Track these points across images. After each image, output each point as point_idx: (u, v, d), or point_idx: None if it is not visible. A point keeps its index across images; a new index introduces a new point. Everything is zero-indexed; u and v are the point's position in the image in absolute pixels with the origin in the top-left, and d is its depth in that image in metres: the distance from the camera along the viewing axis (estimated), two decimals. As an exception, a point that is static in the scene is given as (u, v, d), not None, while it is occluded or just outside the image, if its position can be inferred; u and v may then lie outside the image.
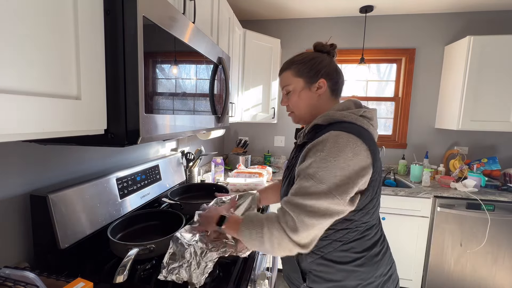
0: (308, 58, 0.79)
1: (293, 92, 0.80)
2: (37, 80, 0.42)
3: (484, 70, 1.92)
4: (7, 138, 0.39)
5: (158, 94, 0.67)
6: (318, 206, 0.62)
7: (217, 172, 1.89)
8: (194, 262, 0.71)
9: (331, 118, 0.73)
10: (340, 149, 0.63)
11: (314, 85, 0.78)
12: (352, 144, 0.64)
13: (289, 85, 0.81)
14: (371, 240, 0.73)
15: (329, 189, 0.62)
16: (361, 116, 0.73)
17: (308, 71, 0.78)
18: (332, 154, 0.63)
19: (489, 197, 1.75)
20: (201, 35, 0.90)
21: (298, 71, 0.79)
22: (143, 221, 0.98)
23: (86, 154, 0.96)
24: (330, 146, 0.64)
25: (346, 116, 0.72)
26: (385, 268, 0.75)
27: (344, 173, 0.62)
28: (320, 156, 0.64)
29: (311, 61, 0.79)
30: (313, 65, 0.78)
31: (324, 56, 0.80)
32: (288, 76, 0.81)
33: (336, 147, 0.63)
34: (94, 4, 0.52)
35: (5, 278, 0.56)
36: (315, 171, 0.63)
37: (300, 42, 2.47)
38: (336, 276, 0.72)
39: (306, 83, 0.78)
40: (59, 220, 0.72)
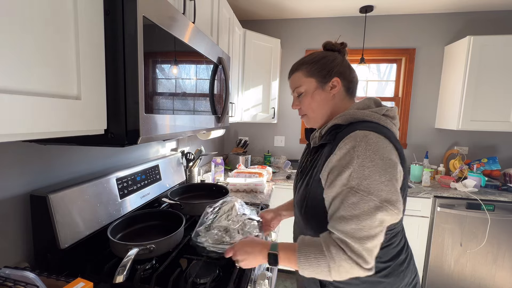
0: (319, 57, 0.74)
1: (305, 94, 0.75)
2: (37, 80, 0.42)
3: (484, 70, 1.92)
4: (7, 138, 0.39)
5: (158, 94, 0.67)
6: (376, 224, 0.57)
7: (217, 172, 1.89)
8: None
9: (352, 117, 0.67)
10: (374, 152, 0.58)
11: (328, 84, 0.73)
12: (383, 145, 0.59)
13: (300, 86, 0.76)
14: (397, 248, 0.69)
15: (381, 201, 0.56)
16: (384, 115, 0.68)
17: (320, 70, 0.73)
18: (368, 158, 0.58)
19: (489, 197, 1.75)
20: (201, 35, 0.90)
21: (309, 71, 0.74)
22: (143, 221, 0.98)
23: (86, 154, 0.96)
24: (363, 150, 0.58)
25: (369, 116, 0.67)
26: (410, 277, 0.70)
27: (387, 177, 0.57)
28: (357, 163, 0.58)
29: (323, 59, 0.74)
30: (325, 63, 0.73)
31: (335, 55, 0.76)
32: (298, 77, 0.76)
33: (370, 149, 0.58)
34: (94, 4, 0.52)
35: (5, 278, 0.56)
36: (358, 182, 0.57)
37: (300, 42, 2.47)
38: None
39: (318, 82, 0.73)
40: (59, 220, 0.72)
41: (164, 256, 0.83)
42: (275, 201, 2.04)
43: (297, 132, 2.59)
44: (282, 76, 2.54)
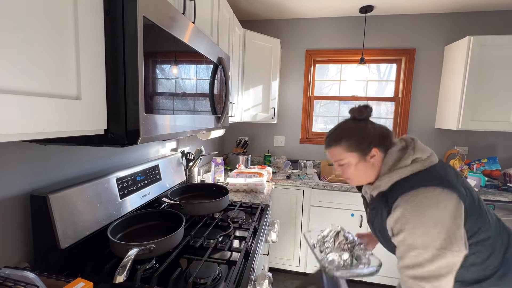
0: (355, 131, 0.82)
1: (348, 165, 0.83)
2: (37, 80, 0.42)
3: (484, 70, 1.92)
4: (7, 138, 0.39)
5: (158, 94, 0.67)
6: (439, 267, 0.64)
7: (217, 172, 1.89)
8: None
9: (389, 181, 0.76)
10: (419, 212, 0.66)
11: (368, 155, 0.80)
12: (427, 200, 0.66)
13: (342, 159, 0.83)
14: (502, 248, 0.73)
15: (438, 249, 0.64)
16: (413, 162, 0.75)
17: (359, 144, 0.80)
18: (416, 219, 0.66)
19: (489, 197, 1.75)
20: (201, 35, 0.90)
21: (349, 146, 0.81)
22: (143, 221, 0.98)
23: (86, 154, 0.96)
24: (410, 214, 0.67)
25: (402, 173, 0.74)
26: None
27: (441, 228, 0.64)
28: (409, 227, 0.66)
29: (359, 134, 0.81)
30: (363, 138, 0.81)
31: (367, 125, 0.83)
32: (339, 152, 0.83)
33: (415, 211, 0.66)
34: (94, 4, 0.52)
35: (5, 278, 0.56)
36: (414, 241, 0.66)
37: (300, 42, 2.47)
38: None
39: (360, 156, 0.81)
40: (59, 220, 0.72)
41: (164, 256, 0.83)
42: (275, 201, 2.04)
43: (297, 132, 2.59)
44: (282, 76, 2.54)
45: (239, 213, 1.29)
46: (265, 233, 1.25)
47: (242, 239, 1.04)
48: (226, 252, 0.93)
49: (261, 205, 1.39)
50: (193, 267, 0.81)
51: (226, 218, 1.22)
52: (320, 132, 2.61)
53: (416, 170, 0.74)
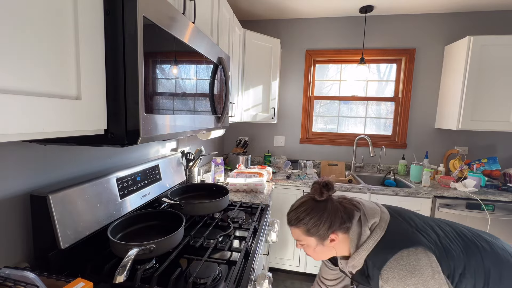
0: (315, 215, 0.81)
1: (307, 247, 0.85)
2: (37, 80, 0.42)
3: (484, 70, 1.92)
4: (7, 138, 0.39)
5: (158, 94, 0.67)
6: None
7: (217, 172, 1.89)
8: None
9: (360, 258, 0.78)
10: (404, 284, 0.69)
11: (327, 240, 0.81)
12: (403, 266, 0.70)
13: (301, 241, 0.85)
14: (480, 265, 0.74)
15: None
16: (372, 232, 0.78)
17: (317, 229, 0.80)
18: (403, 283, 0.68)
19: (489, 197, 1.75)
20: (201, 35, 0.90)
21: (307, 231, 0.82)
22: (143, 221, 0.98)
23: (86, 154, 0.96)
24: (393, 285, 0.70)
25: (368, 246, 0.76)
26: None
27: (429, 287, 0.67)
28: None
29: (317, 218, 0.80)
30: (320, 223, 0.80)
31: (325, 207, 0.82)
32: (299, 234, 0.84)
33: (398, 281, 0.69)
34: (94, 4, 0.52)
35: (5, 278, 0.56)
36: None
37: (300, 42, 2.47)
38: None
39: (318, 240, 0.82)
40: (59, 220, 0.72)
41: (164, 256, 0.83)
42: (275, 201, 2.04)
43: (297, 132, 2.59)
44: (282, 76, 2.54)
45: (239, 213, 1.29)
46: (265, 233, 1.25)
47: (242, 239, 1.04)
48: (226, 252, 0.93)
49: (261, 205, 1.39)
50: (193, 267, 0.81)
51: (226, 218, 1.22)
52: (320, 132, 2.62)
53: (379, 238, 0.76)
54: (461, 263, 0.73)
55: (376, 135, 2.51)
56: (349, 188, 1.93)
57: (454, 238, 0.79)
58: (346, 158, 2.52)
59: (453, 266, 0.72)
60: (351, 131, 2.58)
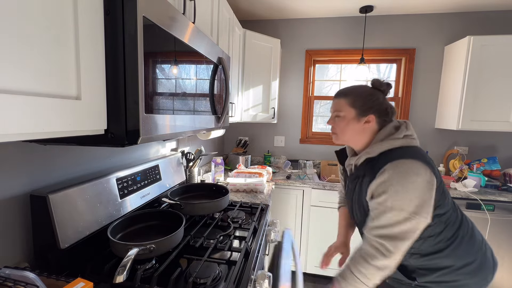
0: (366, 93, 0.87)
1: (342, 118, 0.88)
2: (37, 80, 0.42)
3: (484, 70, 1.92)
4: (7, 138, 0.39)
5: (158, 94, 0.67)
6: (406, 230, 0.73)
7: (217, 172, 1.89)
8: None
9: (380, 149, 0.82)
10: (403, 177, 0.73)
11: (364, 118, 0.85)
12: (411, 169, 0.74)
13: (341, 111, 0.88)
14: (455, 224, 0.82)
15: (410, 214, 0.72)
16: (406, 137, 0.82)
17: (362, 104, 0.85)
18: (399, 184, 0.73)
19: (489, 197, 1.75)
20: (201, 35, 0.90)
21: (353, 102, 0.86)
22: (143, 221, 0.98)
23: (86, 154, 0.96)
24: (395, 178, 0.74)
25: (393, 144, 0.81)
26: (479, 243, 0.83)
27: (416, 194, 0.72)
28: (391, 189, 0.74)
29: (368, 96, 0.86)
30: (369, 100, 0.85)
31: (379, 94, 0.87)
32: (343, 104, 0.88)
33: (400, 176, 0.73)
34: (94, 4, 0.52)
35: (5, 278, 0.56)
36: (392, 203, 0.74)
37: (300, 42, 2.47)
38: (440, 262, 0.80)
39: (357, 114, 0.86)
40: (59, 220, 0.72)
41: (164, 256, 0.83)
42: (275, 201, 2.04)
43: (297, 132, 2.59)
44: (282, 76, 2.54)
45: (239, 213, 1.29)
46: (265, 233, 1.25)
47: (242, 239, 1.04)
48: (226, 252, 0.93)
49: (261, 205, 1.39)
50: (193, 267, 0.81)
51: (226, 218, 1.22)
52: (320, 132, 2.62)
53: (406, 144, 0.80)
54: (445, 208, 0.80)
55: (376, 135, 2.51)
56: (349, 188, 1.93)
57: (450, 197, 0.86)
58: (346, 158, 2.51)
59: (439, 203, 0.78)
60: (351, 131, 2.58)
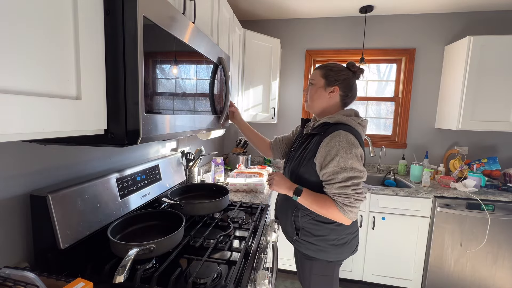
0: (337, 68, 1.04)
1: (313, 86, 1.07)
2: (37, 80, 0.42)
3: (484, 70, 1.92)
4: (7, 138, 0.39)
5: (158, 94, 0.67)
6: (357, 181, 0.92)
7: (217, 172, 1.89)
8: None
9: (339, 120, 1.00)
10: (350, 145, 0.92)
11: (329, 88, 1.03)
12: (354, 141, 0.94)
13: (314, 80, 1.07)
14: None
15: (357, 171, 0.92)
16: (358, 124, 1.01)
17: (331, 76, 1.03)
18: (348, 149, 0.92)
19: (489, 197, 1.75)
20: (201, 35, 0.90)
21: (324, 73, 1.04)
22: (143, 221, 0.98)
23: (86, 154, 0.96)
24: (345, 144, 0.92)
25: (350, 122, 0.99)
26: (353, 229, 1.07)
27: (357, 158, 0.93)
28: (342, 152, 0.91)
29: (337, 71, 1.04)
30: (336, 74, 1.03)
31: (349, 73, 1.05)
32: (317, 74, 1.07)
33: (348, 143, 0.92)
34: (94, 4, 0.52)
35: (5, 278, 0.56)
36: (345, 163, 0.91)
37: (300, 42, 2.47)
38: (321, 232, 1.03)
39: (325, 84, 1.04)
40: (59, 220, 0.72)
41: (164, 256, 0.83)
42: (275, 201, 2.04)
43: (297, 132, 2.58)
44: (282, 76, 2.54)
45: (239, 213, 1.29)
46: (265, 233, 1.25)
47: (242, 239, 1.04)
48: (226, 252, 0.93)
49: (261, 205, 1.39)
50: (193, 267, 0.81)
51: (226, 218, 1.22)
52: (320, 132, 2.61)
53: (357, 126, 0.99)
54: None
55: (376, 135, 2.51)
56: (349, 188, 1.93)
57: None
58: (346, 158, 2.51)
59: None
60: (351, 131, 2.58)
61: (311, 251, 1.05)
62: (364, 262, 1.98)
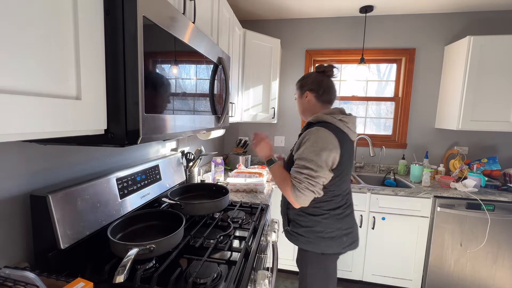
0: (305, 77, 1.21)
1: (296, 99, 1.26)
2: (37, 80, 0.42)
3: (484, 70, 1.92)
4: (7, 138, 0.39)
5: (158, 94, 0.67)
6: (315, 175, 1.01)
7: (217, 172, 1.89)
8: None
9: (320, 119, 1.10)
10: (318, 138, 1.02)
11: (304, 95, 1.19)
12: (325, 136, 1.02)
13: (295, 94, 1.26)
14: (337, 204, 1.10)
15: (312, 161, 1.01)
16: (340, 120, 1.08)
17: (300, 86, 1.21)
18: (314, 142, 1.02)
19: (489, 197, 1.75)
20: (201, 35, 0.90)
21: (298, 86, 1.23)
22: (143, 221, 0.98)
23: (86, 154, 0.96)
24: (314, 137, 1.03)
25: (330, 119, 1.08)
26: (344, 225, 1.11)
27: (322, 152, 1.00)
28: (308, 144, 1.03)
29: (305, 78, 1.20)
30: (302, 81, 1.20)
31: (317, 75, 1.17)
32: (295, 89, 1.25)
33: (317, 137, 1.02)
34: (94, 4, 0.52)
35: (5, 278, 0.56)
36: (306, 154, 1.02)
37: (300, 42, 2.47)
38: (308, 223, 1.11)
39: (299, 94, 1.22)
40: (59, 220, 0.72)
41: (164, 256, 0.83)
42: (276, 201, 2.04)
43: (297, 132, 2.58)
44: (282, 76, 2.54)
45: (239, 213, 1.29)
46: (265, 233, 1.25)
47: (242, 239, 1.04)
48: (226, 252, 0.93)
49: (261, 205, 1.39)
50: (193, 267, 0.81)
51: (226, 218, 1.22)
52: (320, 132, 2.61)
53: (338, 123, 1.07)
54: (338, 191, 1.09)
55: (376, 135, 2.51)
56: (349, 188, 1.93)
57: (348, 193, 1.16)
58: (346, 158, 2.51)
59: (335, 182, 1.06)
60: (351, 131, 2.58)
61: (301, 243, 1.13)
62: (364, 262, 1.98)
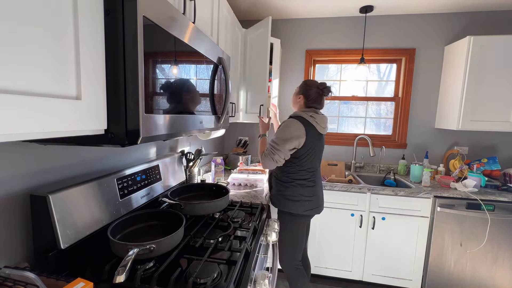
0: (305, 84, 1.51)
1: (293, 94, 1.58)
2: (37, 80, 0.42)
3: (484, 70, 1.92)
4: (7, 138, 0.39)
5: (158, 94, 0.67)
6: (277, 148, 1.39)
7: (217, 172, 1.89)
8: None
9: (297, 114, 1.46)
10: (287, 126, 1.40)
11: (298, 95, 1.53)
12: (294, 125, 1.39)
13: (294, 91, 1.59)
14: (302, 177, 1.45)
15: (280, 139, 1.39)
16: (310, 116, 1.42)
17: (300, 89, 1.53)
18: (284, 128, 1.41)
19: (489, 197, 1.75)
20: (201, 35, 0.90)
21: (298, 87, 1.55)
22: (143, 221, 0.98)
23: (86, 154, 0.96)
24: (284, 124, 1.42)
25: (302, 114, 1.42)
26: (306, 193, 1.45)
27: (286, 136, 1.38)
28: (281, 128, 1.42)
29: (304, 86, 1.51)
30: (303, 88, 1.51)
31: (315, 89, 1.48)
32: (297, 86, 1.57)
33: (286, 125, 1.41)
34: (94, 4, 0.52)
35: (5, 278, 0.56)
36: (277, 134, 1.42)
37: (300, 42, 2.47)
38: (281, 188, 1.48)
39: (296, 93, 1.55)
40: (59, 220, 0.72)
41: (164, 256, 0.83)
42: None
43: (297, 132, 2.58)
44: (282, 76, 2.54)
45: (239, 213, 1.29)
46: (265, 233, 1.25)
47: (242, 239, 1.04)
48: (226, 252, 0.93)
49: (261, 205, 1.39)
50: (193, 267, 0.81)
51: (226, 218, 1.22)
52: (320, 132, 2.61)
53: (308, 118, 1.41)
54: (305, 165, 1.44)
55: (376, 135, 2.51)
56: (349, 188, 1.93)
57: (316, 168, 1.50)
58: (346, 158, 2.52)
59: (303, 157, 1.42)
60: (351, 131, 2.58)
61: (275, 203, 1.51)
62: (364, 262, 1.98)
